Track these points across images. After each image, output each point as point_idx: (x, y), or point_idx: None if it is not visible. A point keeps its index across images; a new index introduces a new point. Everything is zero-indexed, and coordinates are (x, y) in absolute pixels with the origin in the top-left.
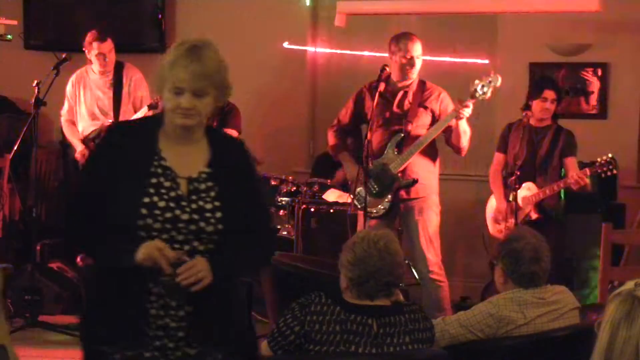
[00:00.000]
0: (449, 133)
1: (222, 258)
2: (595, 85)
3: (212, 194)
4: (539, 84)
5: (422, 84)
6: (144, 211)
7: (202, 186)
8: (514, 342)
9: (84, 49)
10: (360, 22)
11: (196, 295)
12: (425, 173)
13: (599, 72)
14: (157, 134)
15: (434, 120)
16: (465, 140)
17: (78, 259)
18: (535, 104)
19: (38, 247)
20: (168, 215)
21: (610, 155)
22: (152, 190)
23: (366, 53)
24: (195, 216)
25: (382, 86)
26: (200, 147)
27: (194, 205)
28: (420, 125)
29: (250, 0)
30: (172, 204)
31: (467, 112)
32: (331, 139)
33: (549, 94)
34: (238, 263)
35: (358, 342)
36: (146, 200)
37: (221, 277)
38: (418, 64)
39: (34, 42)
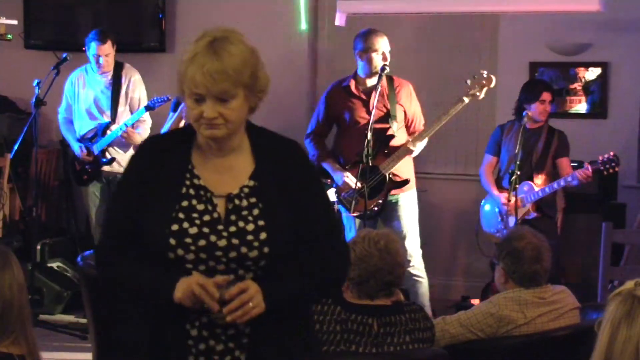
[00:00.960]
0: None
1: (279, 282)
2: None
3: (255, 211)
4: (535, 87)
5: (390, 79)
6: (172, 242)
7: (244, 203)
8: (514, 342)
9: (83, 48)
10: (361, 22)
11: (252, 337)
12: (404, 169)
13: (599, 72)
14: (190, 149)
15: (406, 115)
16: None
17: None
18: (534, 107)
19: (38, 247)
20: (201, 243)
21: (612, 153)
22: (182, 216)
23: None
24: (235, 240)
25: (352, 85)
26: (241, 156)
27: (232, 228)
28: (400, 122)
29: (250, 0)
30: (205, 229)
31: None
32: (311, 148)
33: (547, 95)
34: (300, 285)
35: (358, 342)
36: (175, 227)
37: (277, 305)
38: (388, 59)
39: (34, 42)
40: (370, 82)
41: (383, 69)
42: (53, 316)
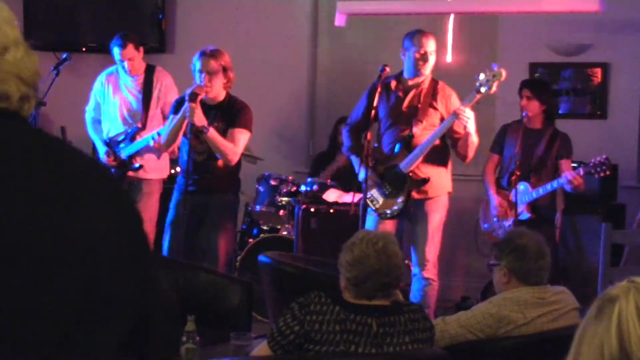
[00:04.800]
0: (456, 141)
1: None
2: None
3: None
4: (520, 84)
5: (434, 82)
6: None
7: None
8: (514, 342)
9: (83, 49)
10: (361, 22)
11: None
12: (436, 172)
13: (599, 72)
14: None
15: (442, 121)
16: (472, 151)
17: None
18: (520, 103)
19: None
20: None
21: (604, 156)
22: None
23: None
24: None
25: (393, 84)
26: None
27: None
28: (429, 125)
29: (250, 0)
30: None
31: (467, 114)
32: (346, 139)
33: (526, 92)
34: None
35: (358, 342)
36: None
37: None
38: (431, 60)
39: (34, 42)
40: (413, 82)
41: (382, 68)
42: None
